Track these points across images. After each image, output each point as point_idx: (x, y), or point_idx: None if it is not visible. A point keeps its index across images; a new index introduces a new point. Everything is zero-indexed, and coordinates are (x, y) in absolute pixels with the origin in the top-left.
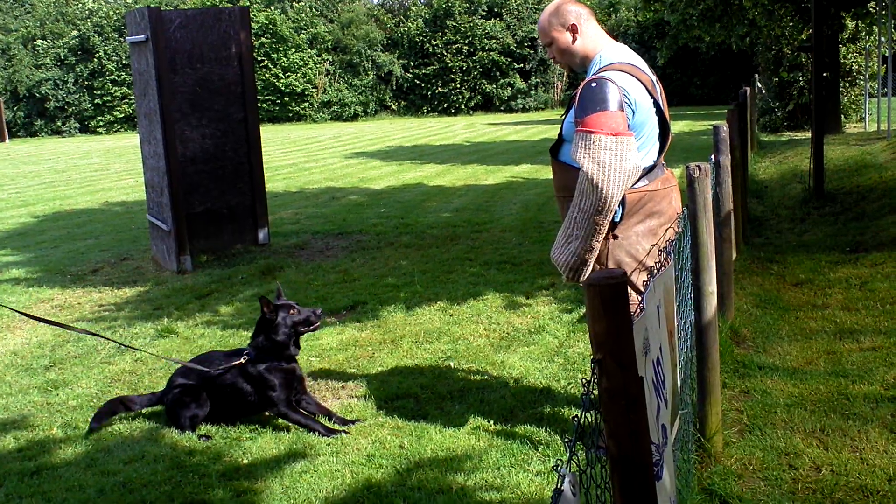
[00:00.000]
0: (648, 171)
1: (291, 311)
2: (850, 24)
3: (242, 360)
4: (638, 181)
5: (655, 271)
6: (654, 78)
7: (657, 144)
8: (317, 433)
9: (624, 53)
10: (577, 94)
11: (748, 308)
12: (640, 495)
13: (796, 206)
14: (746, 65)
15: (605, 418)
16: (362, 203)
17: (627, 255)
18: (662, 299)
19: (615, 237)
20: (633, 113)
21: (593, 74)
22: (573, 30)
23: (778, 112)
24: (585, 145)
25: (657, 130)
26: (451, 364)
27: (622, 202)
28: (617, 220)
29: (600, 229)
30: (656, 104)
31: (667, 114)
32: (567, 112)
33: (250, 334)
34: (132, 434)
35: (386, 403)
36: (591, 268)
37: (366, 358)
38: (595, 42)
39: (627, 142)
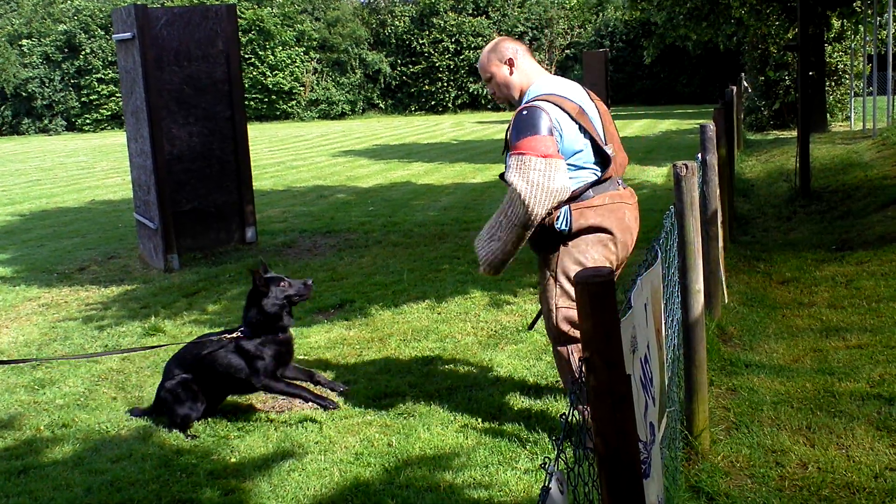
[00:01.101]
0: (594, 185)
1: (282, 284)
2: (836, 24)
3: (237, 335)
4: (584, 194)
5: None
6: (585, 105)
7: (595, 163)
8: (304, 400)
9: (552, 85)
10: (512, 122)
11: (735, 306)
12: (627, 493)
13: (783, 204)
14: (733, 63)
15: (593, 416)
16: (350, 201)
17: (575, 263)
18: (650, 297)
19: (565, 245)
20: (561, 137)
21: (524, 104)
22: (510, 63)
23: (764, 111)
24: (517, 165)
25: (590, 150)
26: (439, 362)
27: (568, 214)
28: (564, 229)
29: (522, 240)
30: (583, 129)
31: (600, 134)
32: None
33: None
34: (119, 433)
35: (374, 402)
36: (508, 266)
37: (354, 356)
38: (529, 75)
39: (556, 164)
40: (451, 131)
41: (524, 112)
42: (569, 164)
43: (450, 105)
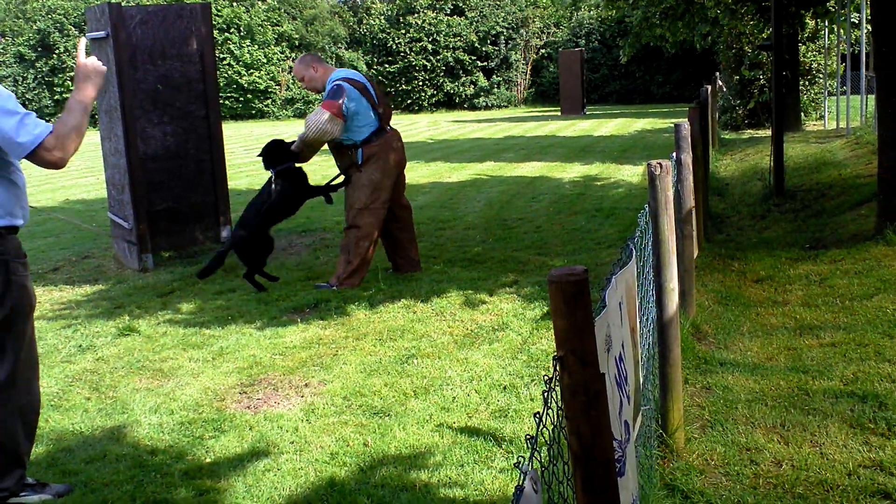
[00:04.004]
0: (377, 133)
1: None
2: (811, 23)
3: None
4: (371, 140)
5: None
6: (366, 83)
7: (375, 119)
8: None
9: (344, 73)
10: (326, 91)
11: (709, 304)
12: (602, 491)
13: (757, 203)
14: (708, 63)
15: (567, 414)
16: None
17: (368, 181)
18: (624, 296)
19: (360, 170)
20: (350, 102)
21: (335, 81)
22: (314, 68)
23: (739, 110)
24: (317, 112)
25: (371, 111)
26: (415, 361)
27: (361, 152)
28: (360, 162)
29: (311, 147)
30: (368, 99)
31: (378, 100)
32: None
33: (213, 332)
34: (93, 433)
35: (349, 401)
36: (298, 148)
37: (329, 356)
38: (325, 71)
39: (334, 118)
40: (427, 130)
41: (334, 86)
42: (359, 119)
43: (425, 104)
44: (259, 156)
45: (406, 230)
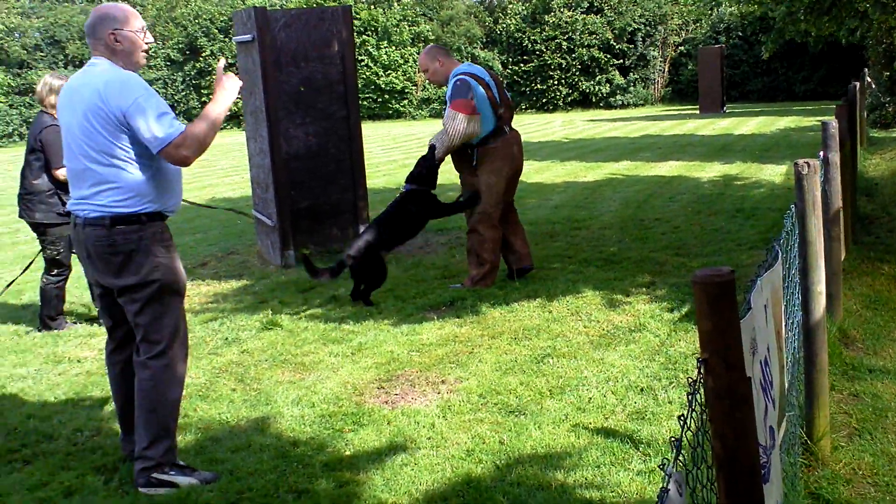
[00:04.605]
0: (494, 135)
1: None
2: None
3: None
4: (488, 142)
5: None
6: (488, 80)
7: (493, 119)
8: None
9: (467, 68)
10: (450, 87)
11: (858, 309)
12: (746, 497)
13: None
14: (855, 59)
15: (711, 418)
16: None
17: (486, 185)
18: (770, 299)
19: (476, 174)
20: (475, 98)
21: (458, 76)
22: (440, 61)
23: (889, 107)
24: (451, 116)
25: (490, 111)
26: (550, 361)
27: (476, 153)
28: (474, 163)
29: (450, 151)
30: (488, 98)
31: (500, 99)
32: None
33: (352, 328)
34: (238, 423)
35: (485, 399)
36: (443, 157)
37: (465, 353)
38: (449, 65)
39: (470, 118)
40: (562, 129)
41: (458, 82)
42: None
43: (560, 103)
44: (418, 172)
45: (517, 230)
